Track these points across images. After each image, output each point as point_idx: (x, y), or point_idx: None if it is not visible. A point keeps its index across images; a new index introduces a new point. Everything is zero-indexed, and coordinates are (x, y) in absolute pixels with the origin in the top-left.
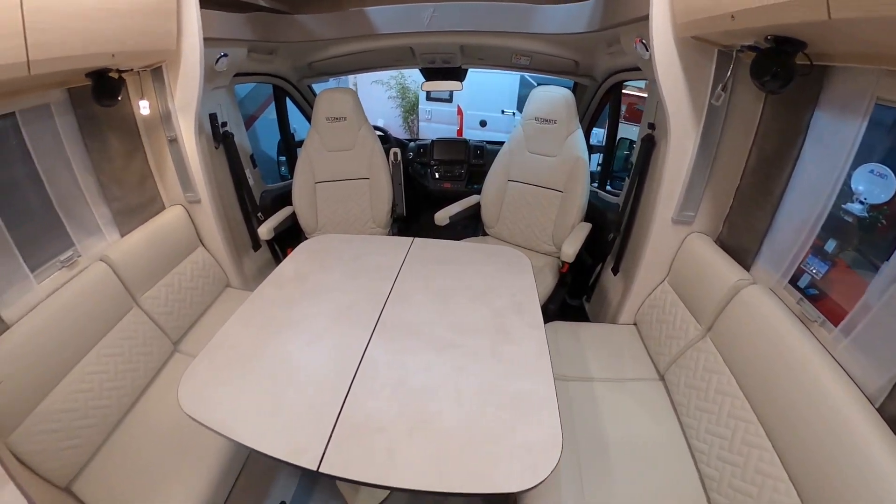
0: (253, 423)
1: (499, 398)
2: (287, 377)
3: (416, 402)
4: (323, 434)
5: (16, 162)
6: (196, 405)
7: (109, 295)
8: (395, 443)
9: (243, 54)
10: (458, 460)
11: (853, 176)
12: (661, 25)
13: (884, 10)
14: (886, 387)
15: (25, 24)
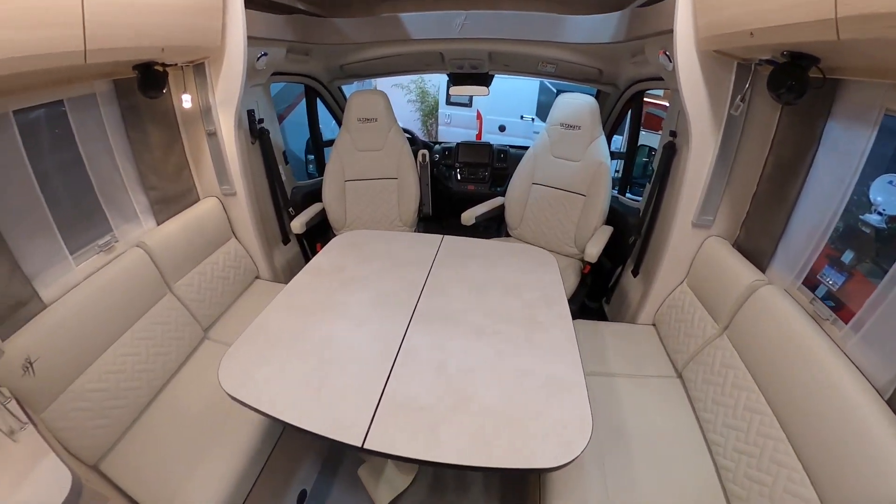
0: (296, 403)
1: (533, 381)
2: (329, 359)
3: (457, 383)
4: (367, 412)
5: (62, 147)
6: (237, 385)
7: (145, 280)
8: (437, 420)
9: (282, 54)
10: (497, 438)
11: (872, 187)
12: (685, 39)
13: (889, 33)
14: (894, 380)
15: (85, 16)
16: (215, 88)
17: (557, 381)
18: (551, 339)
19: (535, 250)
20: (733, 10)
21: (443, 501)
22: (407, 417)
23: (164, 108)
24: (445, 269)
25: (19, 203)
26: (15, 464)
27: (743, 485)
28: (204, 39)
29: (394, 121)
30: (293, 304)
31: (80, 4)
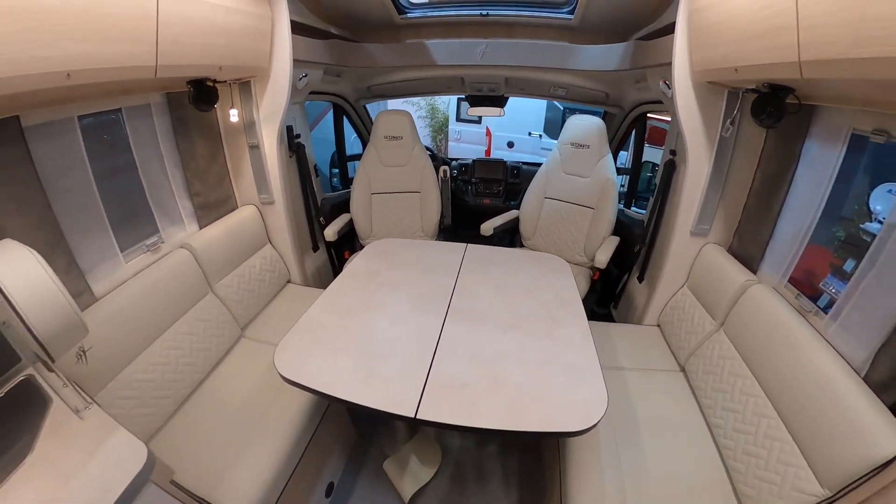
0: (349, 385)
1: (555, 367)
2: (376, 349)
3: (490, 367)
4: (416, 390)
5: (118, 152)
6: (292, 371)
7: (189, 279)
8: (476, 396)
9: (319, 75)
10: (528, 409)
11: (871, 196)
12: (682, 71)
13: (842, 74)
14: (869, 359)
15: (159, 35)
16: (260, 105)
17: (575, 367)
18: (569, 334)
19: (551, 257)
20: (722, 50)
21: (464, 493)
22: (451, 393)
23: (209, 122)
24: (471, 273)
25: (79, 201)
26: (83, 439)
27: (742, 460)
28: (255, 60)
29: (417, 139)
30: (336, 305)
31: (154, 25)
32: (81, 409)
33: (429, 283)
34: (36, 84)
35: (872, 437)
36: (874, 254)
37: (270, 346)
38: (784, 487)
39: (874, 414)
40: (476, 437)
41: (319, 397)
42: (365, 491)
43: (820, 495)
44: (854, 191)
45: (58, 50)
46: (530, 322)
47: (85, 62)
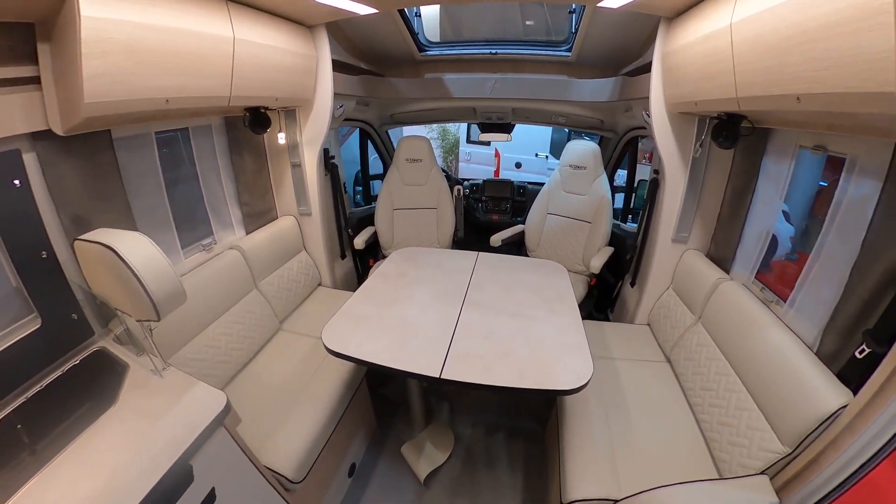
0: (386, 355)
1: (552, 344)
2: (407, 329)
3: (500, 343)
4: (440, 358)
5: (185, 163)
6: (338, 346)
7: (238, 276)
8: (489, 363)
9: (353, 105)
10: (530, 373)
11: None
12: (657, 103)
13: (762, 107)
14: (818, 336)
15: (233, 72)
16: (303, 130)
17: (569, 345)
18: (564, 321)
19: (551, 263)
20: (685, 88)
21: (474, 475)
22: (468, 361)
23: (258, 143)
24: (482, 274)
25: (151, 203)
26: (165, 391)
27: (717, 430)
28: (302, 92)
29: (435, 161)
30: (371, 297)
31: (231, 64)
32: (160, 370)
33: (447, 281)
34: (144, 107)
35: (820, 398)
36: (818, 251)
37: (305, 338)
38: (752, 449)
39: (822, 380)
40: (485, 426)
41: (359, 366)
42: (384, 471)
43: (782, 452)
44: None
45: (161, 81)
46: (532, 311)
47: (180, 91)
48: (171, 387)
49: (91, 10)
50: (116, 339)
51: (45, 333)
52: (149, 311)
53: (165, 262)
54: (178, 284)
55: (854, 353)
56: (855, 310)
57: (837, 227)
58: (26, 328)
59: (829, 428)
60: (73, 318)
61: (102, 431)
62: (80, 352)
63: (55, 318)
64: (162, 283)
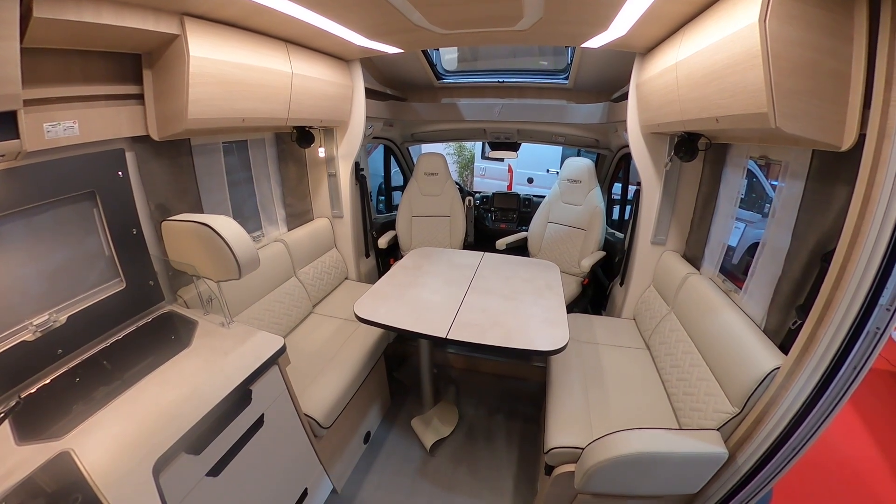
0: (404, 322)
1: (538, 319)
2: (422, 305)
3: (495, 316)
4: (446, 325)
5: (243, 168)
6: (367, 314)
7: (281, 264)
8: (484, 329)
9: (380, 125)
10: (519, 338)
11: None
12: (633, 125)
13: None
14: (764, 316)
15: (291, 99)
16: (339, 146)
17: (551, 320)
18: (550, 304)
19: (546, 262)
20: (652, 113)
21: (474, 447)
22: (469, 328)
23: (300, 155)
24: (486, 269)
25: (216, 199)
26: (232, 337)
27: (682, 400)
28: (341, 115)
29: (449, 175)
30: (392, 282)
31: (289, 93)
32: (226, 324)
33: (456, 273)
34: (227, 123)
35: (759, 362)
36: (763, 243)
37: (334, 319)
38: (708, 412)
39: (762, 349)
40: (487, 406)
41: (380, 341)
42: (395, 440)
43: (731, 412)
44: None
45: (239, 105)
46: (524, 296)
47: (252, 113)
48: (237, 335)
49: (197, 51)
50: (184, 303)
51: (127, 294)
52: (233, 271)
53: (247, 236)
54: (256, 252)
55: (789, 326)
56: (789, 289)
57: (776, 221)
58: (113, 289)
59: (769, 388)
60: (150, 284)
61: (182, 362)
62: (152, 312)
63: (136, 282)
64: (245, 251)
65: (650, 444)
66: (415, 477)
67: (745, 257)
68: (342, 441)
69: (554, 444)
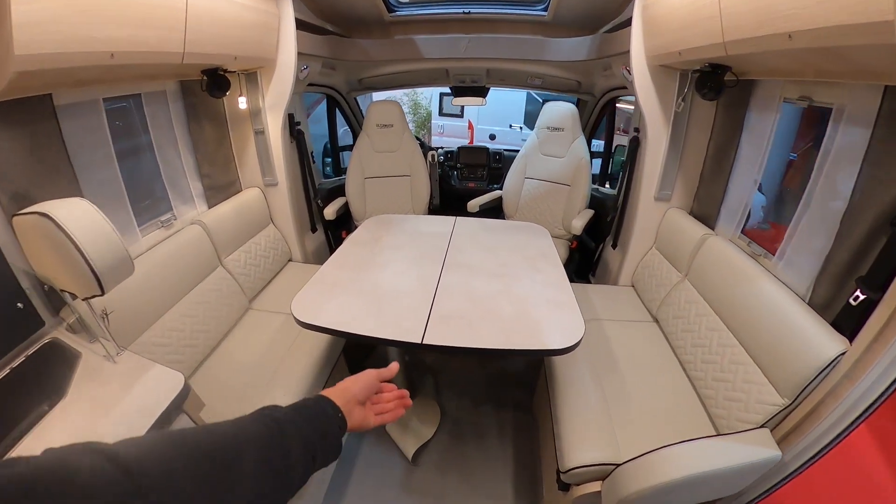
0: (362, 323)
1: (537, 301)
2: (384, 294)
3: (483, 302)
4: (421, 323)
5: (137, 133)
6: (309, 316)
7: (201, 253)
8: (473, 324)
9: (318, 67)
10: (517, 333)
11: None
12: (638, 57)
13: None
14: (810, 287)
15: (187, 25)
16: (265, 94)
17: (555, 301)
18: (549, 278)
19: (532, 225)
20: (667, 37)
21: (464, 448)
22: (451, 323)
23: (217, 109)
24: (462, 238)
25: (102, 177)
26: (120, 377)
27: (712, 386)
28: (264, 52)
29: (407, 126)
30: (344, 264)
31: (184, 15)
32: (114, 355)
33: (425, 245)
34: (85, 61)
35: (817, 346)
36: (805, 204)
37: (276, 315)
38: (750, 402)
39: (817, 328)
40: (472, 397)
41: (337, 339)
42: (370, 452)
43: (780, 404)
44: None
45: (104, 32)
46: (515, 270)
47: (126, 45)
48: (126, 372)
49: None
50: (69, 328)
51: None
52: (91, 285)
53: (108, 227)
54: (123, 251)
55: (848, 301)
56: (847, 258)
57: (826, 177)
58: None
59: (828, 377)
60: (18, 307)
61: (49, 430)
62: (29, 345)
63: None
64: (104, 251)
65: (700, 462)
66: (399, 493)
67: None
68: None
69: (573, 463)
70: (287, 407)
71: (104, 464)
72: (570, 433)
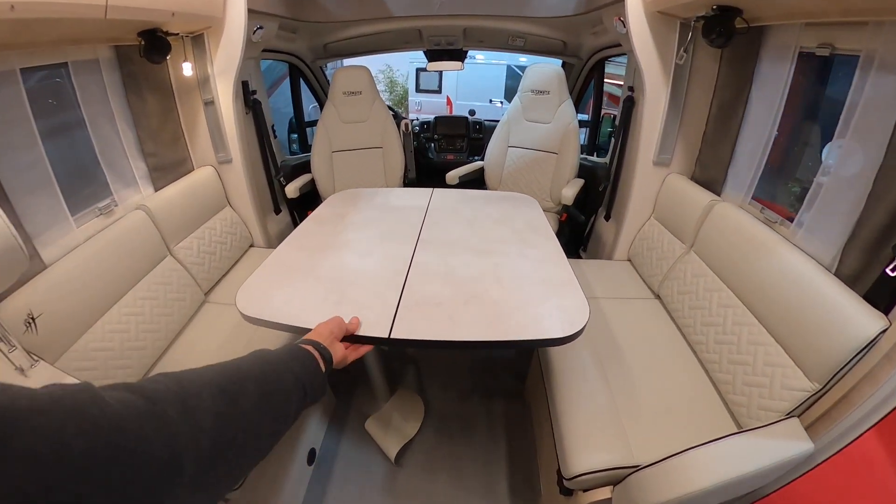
0: (318, 313)
1: (531, 280)
2: (347, 278)
3: (465, 285)
4: (388, 312)
5: (65, 109)
6: (255, 309)
7: (146, 242)
8: (453, 312)
9: (274, 29)
10: (509, 319)
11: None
12: (634, 4)
13: None
14: (837, 256)
15: None
16: (214, 59)
17: (552, 280)
18: (542, 253)
19: (519, 195)
20: None
21: (451, 445)
22: (426, 311)
23: (161, 78)
24: (440, 211)
25: (24, 160)
26: None
27: (728, 370)
28: (209, 9)
29: (377, 94)
30: (303, 245)
31: None
32: (27, 368)
33: (397, 220)
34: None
35: (852, 324)
36: (827, 164)
37: (236, 309)
38: (774, 388)
39: (850, 303)
40: (458, 388)
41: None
42: (349, 453)
43: (810, 389)
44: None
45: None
46: (503, 246)
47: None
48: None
49: None
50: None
51: None
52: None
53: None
54: (11, 239)
55: (885, 271)
56: (883, 221)
57: (854, 132)
58: None
59: (865, 358)
60: None
61: None
62: None
63: None
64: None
65: (729, 466)
66: (384, 498)
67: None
68: (275, 476)
69: (579, 469)
70: (278, 349)
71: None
72: (572, 432)
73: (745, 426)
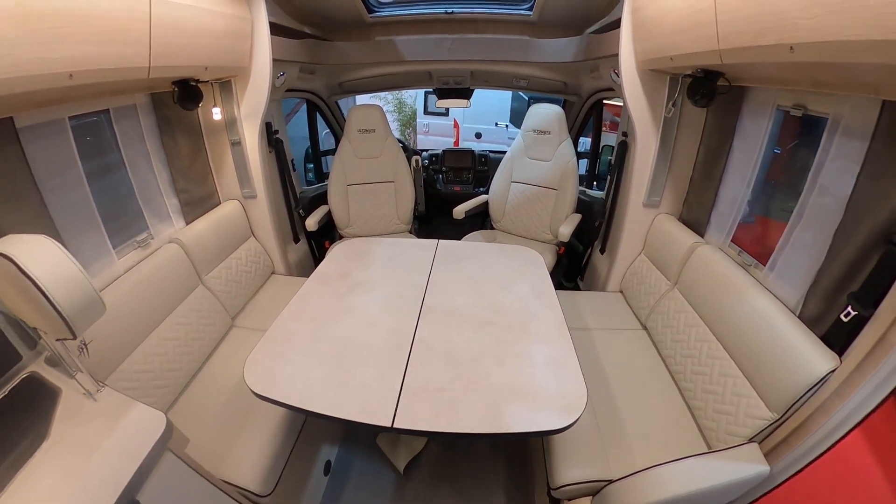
0: (324, 395)
1: (532, 361)
2: (349, 355)
3: (466, 367)
4: (391, 397)
5: (107, 150)
6: (265, 385)
7: (180, 272)
8: (454, 398)
9: (295, 73)
10: (507, 408)
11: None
12: (627, 61)
13: (750, 59)
14: (801, 300)
15: (151, 38)
16: (241, 103)
17: (553, 359)
18: (544, 326)
19: (523, 249)
20: (659, 41)
21: (455, 459)
22: (427, 398)
23: (192, 121)
24: (444, 269)
25: (72, 199)
26: (100, 417)
27: (701, 398)
28: (236, 60)
29: (389, 131)
30: (306, 311)
31: (148, 27)
32: (94, 392)
33: (401, 282)
34: (41, 84)
35: (807, 362)
36: (798, 215)
37: (260, 333)
38: (739, 416)
39: (808, 343)
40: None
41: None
42: (361, 466)
43: (769, 418)
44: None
45: (61, 52)
46: (505, 317)
47: (85, 63)
48: (106, 411)
49: None
50: (48, 360)
51: None
52: (61, 328)
53: (75, 269)
54: (93, 293)
55: (839, 317)
56: (839, 272)
57: (819, 189)
58: None
59: (818, 393)
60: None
61: (35, 474)
62: (7, 381)
63: None
64: (72, 295)
65: (689, 481)
66: None
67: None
68: (297, 486)
69: (563, 480)
70: None
71: None
72: (559, 449)
73: (714, 448)
